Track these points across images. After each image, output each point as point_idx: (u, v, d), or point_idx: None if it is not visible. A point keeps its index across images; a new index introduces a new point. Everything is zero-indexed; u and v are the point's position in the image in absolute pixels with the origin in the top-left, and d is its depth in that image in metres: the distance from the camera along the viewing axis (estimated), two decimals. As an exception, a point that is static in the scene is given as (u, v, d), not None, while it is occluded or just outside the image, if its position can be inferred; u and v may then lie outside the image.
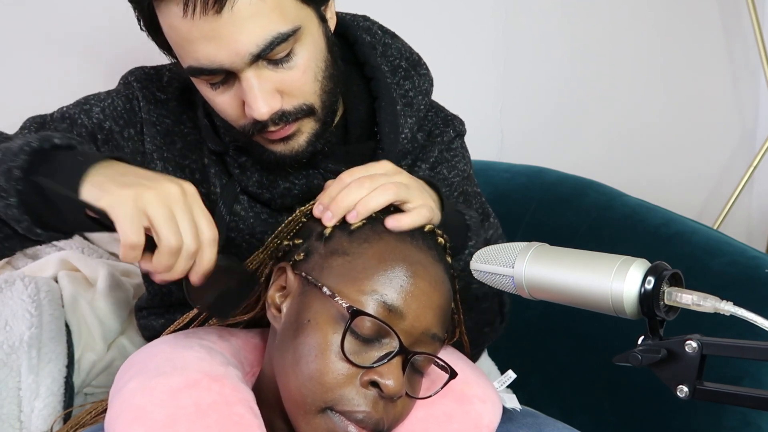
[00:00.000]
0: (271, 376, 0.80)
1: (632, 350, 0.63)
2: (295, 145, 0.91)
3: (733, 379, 1.04)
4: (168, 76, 1.02)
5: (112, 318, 1.19)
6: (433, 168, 1.03)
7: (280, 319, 0.79)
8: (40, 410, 1.01)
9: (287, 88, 0.86)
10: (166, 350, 0.78)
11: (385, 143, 0.97)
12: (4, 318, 1.06)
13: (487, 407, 0.85)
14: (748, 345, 0.59)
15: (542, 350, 1.34)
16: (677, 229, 1.23)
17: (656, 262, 0.64)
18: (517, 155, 1.73)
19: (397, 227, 0.78)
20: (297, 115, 0.88)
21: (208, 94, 0.89)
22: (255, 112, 0.85)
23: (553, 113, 1.95)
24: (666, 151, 2.09)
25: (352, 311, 0.72)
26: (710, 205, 2.17)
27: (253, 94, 0.84)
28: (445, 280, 0.80)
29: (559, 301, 0.70)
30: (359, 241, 0.77)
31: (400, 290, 0.75)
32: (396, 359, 0.73)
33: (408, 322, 0.75)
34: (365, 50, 1.01)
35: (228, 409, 0.73)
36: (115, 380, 0.77)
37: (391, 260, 0.76)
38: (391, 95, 0.99)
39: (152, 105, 1.00)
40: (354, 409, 0.72)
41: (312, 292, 0.76)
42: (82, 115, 0.98)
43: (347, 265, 0.76)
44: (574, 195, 1.41)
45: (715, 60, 2.12)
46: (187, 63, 0.85)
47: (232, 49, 0.81)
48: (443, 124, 1.06)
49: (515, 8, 1.84)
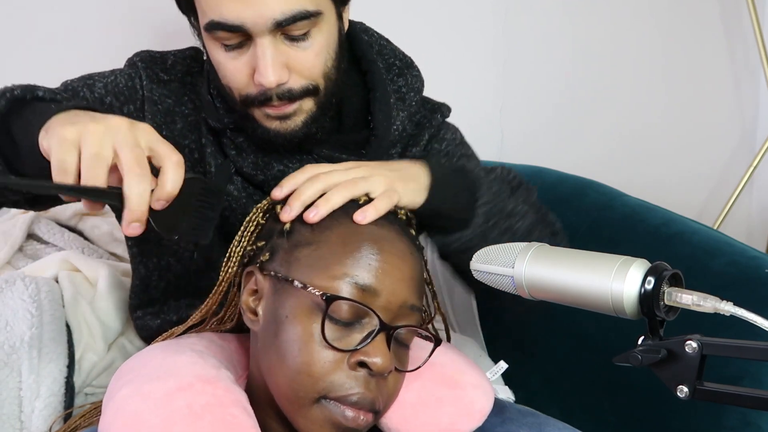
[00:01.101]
0: (259, 378, 0.80)
1: (632, 350, 0.63)
2: (291, 124, 0.94)
3: (733, 379, 1.03)
4: (172, 60, 1.05)
5: (113, 318, 1.19)
6: (425, 148, 1.07)
7: (258, 322, 0.79)
8: (40, 410, 1.01)
9: (298, 66, 0.91)
10: (158, 356, 0.79)
11: (378, 130, 1.01)
12: (4, 318, 1.06)
13: (478, 393, 0.87)
14: (748, 345, 0.59)
15: (542, 350, 1.34)
16: (677, 229, 1.23)
17: (656, 263, 0.64)
18: (517, 155, 1.73)
19: (365, 220, 0.78)
20: (301, 93, 0.92)
21: (220, 56, 0.92)
22: (264, 78, 0.88)
23: (553, 113, 1.95)
24: (666, 151, 2.09)
25: (327, 297, 0.72)
26: (710, 205, 2.17)
27: (265, 61, 0.88)
28: (413, 251, 0.80)
29: (559, 302, 0.70)
30: (320, 230, 0.78)
31: (369, 268, 0.75)
32: (379, 336, 0.74)
33: (384, 298, 0.75)
34: (363, 46, 1.05)
35: (222, 410, 0.73)
36: (108, 388, 0.77)
37: (356, 241, 0.76)
38: (385, 88, 1.03)
39: (155, 84, 1.02)
40: (347, 393, 0.72)
41: (284, 288, 0.76)
42: (84, 89, 1.00)
43: (313, 255, 0.76)
44: (574, 195, 1.41)
45: (716, 60, 2.12)
46: (209, 17, 0.88)
47: (258, 11, 0.86)
48: (431, 112, 1.10)
49: (515, 8, 1.84)
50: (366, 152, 1.02)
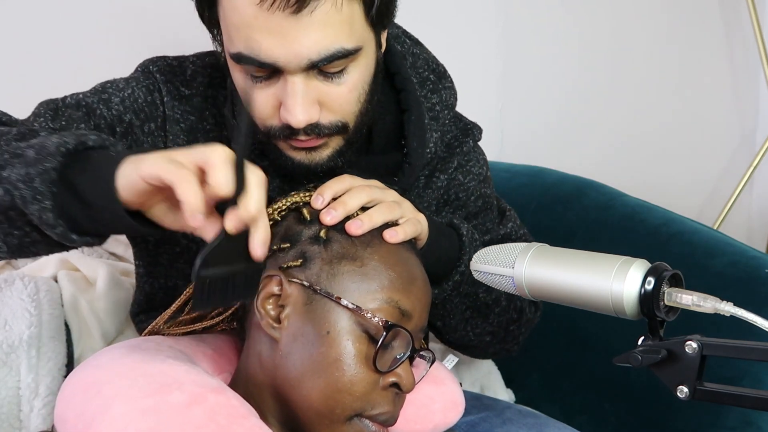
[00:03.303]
0: (256, 383, 0.78)
1: (632, 351, 0.63)
2: (317, 157, 0.88)
3: (733, 379, 1.03)
4: (192, 69, 0.98)
5: (112, 317, 1.19)
6: (450, 175, 1.03)
7: (280, 330, 0.76)
8: (39, 409, 1.01)
9: (330, 102, 0.84)
10: (136, 365, 0.74)
11: (412, 157, 0.96)
12: (3, 317, 1.06)
13: (456, 386, 0.92)
14: (748, 345, 0.59)
15: (542, 350, 1.34)
16: (677, 229, 1.23)
17: (656, 263, 0.64)
18: (517, 155, 1.73)
19: (394, 239, 0.79)
20: (330, 131, 0.86)
21: (245, 85, 0.85)
22: (291, 118, 0.82)
23: (554, 113, 1.95)
24: (666, 150, 2.08)
25: (388, 326, 0.73)
26: (710, 205, 2.17)
27: (295, 99, 0.81)
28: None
29: (559, 302, 0.70)
30: (362, 245, 0.77)
31: (408, 293, 0.77)
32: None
33: (413, 323, 0.77)
34: (397, 60, 0.98)
35: (246, 421, 0.72)
36: (78, 409, 0.71)
37: (396, 264, 0.77)
38: (420, 110, 0.97)
39: (176, 101, 0.96)
40: (380, 412, 0.75)
41: (323, 301, 0.75)
42: (100, 105, 0.93)
43: (358, 272, 0.76)
44: (574, 195, 1.41)
45: (715, 60, 2.12)
46: (237, 49, 0.81)
47: (293, 50, 0.78)
48: (462, 134, 1.04)
49: (515, 8, 1.84)
50: (398, 179, 0.96)
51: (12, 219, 0.74)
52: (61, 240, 0.74)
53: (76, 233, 0.73)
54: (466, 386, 1.28)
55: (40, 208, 0.71)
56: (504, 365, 1.35)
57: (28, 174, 0.71)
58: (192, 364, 0.77)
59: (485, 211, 1.06)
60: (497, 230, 1.06)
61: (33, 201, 0.71)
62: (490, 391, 1.31)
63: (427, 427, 0.88)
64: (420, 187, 1.01)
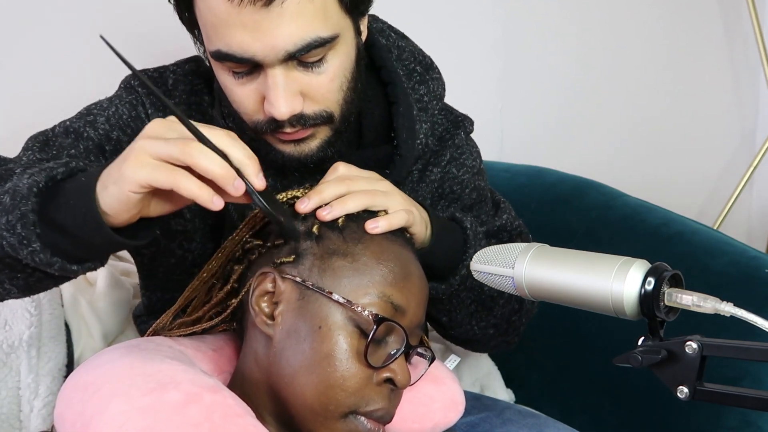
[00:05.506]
0: (253, 381, 0.79)
1: (632, 351, 0.63)
2: (306, 148, 0.89)
3: (733, 379, 1.03)
4: (173, 79, 0.99)
5: (112, 317, 1.19)
6: (444, 168, 1.03)
7: (274, 327, 0.76)
8: (39, 410, 1.01)
9: (312, 92, 0.85)
10: (134, 365, 0.74)
11: (402, 149, 0.96)
12: (3, 317, 1.06)
13: (456, 385, 0.91)
14: (749, 346, 0.59)
15: (542, 350, 1.34)
16: (677, 229, 1.23)
17: (656, 263, 0.64)
18: (517, 155, 1.73)
19: (375, 231, 0.78)
20: (315, 121, 0.87)
21: (228, 82, 0.87)
22: (275, 111, 0.83)
23: (554, 113, 1.95)
24: (666, 150, 2.09)
25: (377, 319, 0.73)
26: (710, 205, 2.17)
27: (276, 92, 0.83)
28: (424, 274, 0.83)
29: (559, 302, 0.70)
30: (354, 242, 0.78)
31: (401, 288, 0.77)
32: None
33: (408, 318, 0.77)
34: (382, 54, 0.99)
35: (241, 420, 0.72)
36: (77, 408, 0.71)
37: (389, 259, 0.77)
38: (408, 101, 0.98)
39: (161, 112, 0.96)
40: (375, 408, 0.74)
41: (315, 296, 0.75)
42: (87, 128, 0.95)
43: (349, 267, 0.76)
44: (574, 195, 1.41)
45: (715, 60, 2.12)
46: (216, 47, 0.82)
47: (269, 44, 0.80)
48: (453, 126, 1.05)
49: (515, 8, 1.84)
50: (390, 171, 0.97)
51: (11, 265, 0.76)
52: (63, 273, 0.75)
53: (74, 263, 0.75)
54: (466, 386, 1.28)
55: (31, 251, 0.72)
56: (504, 365, 1.35)
57: (8, 221, 0.72)
58: (190, 364, 0.77)
59: (480, 204, 1.06)
60: (492, 222, 1.06)
61: (21, 246, 0.72)
62: (490, 391, 1.31)
63: (427, 426, 0.88)
64: (414, 181, 1.01)
